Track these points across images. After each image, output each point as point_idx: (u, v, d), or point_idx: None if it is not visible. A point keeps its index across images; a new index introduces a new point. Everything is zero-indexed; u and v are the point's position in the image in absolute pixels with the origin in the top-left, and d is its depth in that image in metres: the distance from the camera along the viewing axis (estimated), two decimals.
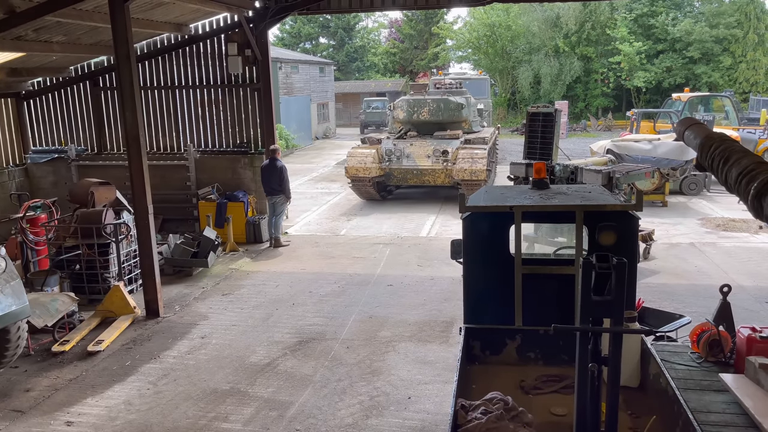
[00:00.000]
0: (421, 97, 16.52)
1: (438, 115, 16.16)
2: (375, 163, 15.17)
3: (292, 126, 31.31)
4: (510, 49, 40.49)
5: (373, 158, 15.18)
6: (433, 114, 16.18)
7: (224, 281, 10.13)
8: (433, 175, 15.12)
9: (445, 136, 15.68)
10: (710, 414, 3.58)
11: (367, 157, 15.19)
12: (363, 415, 5.90)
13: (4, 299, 6.48)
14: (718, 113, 21.86)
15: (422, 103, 16.23)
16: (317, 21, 52.23)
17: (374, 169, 15.16)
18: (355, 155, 15.38)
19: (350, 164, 15.28)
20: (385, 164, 15.32)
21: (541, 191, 4.61)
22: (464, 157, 14.62)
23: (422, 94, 17.02)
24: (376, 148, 15.46)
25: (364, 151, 15.42)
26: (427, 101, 16.25)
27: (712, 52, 36.27)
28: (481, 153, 14.71)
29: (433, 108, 16.16)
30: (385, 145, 15.48)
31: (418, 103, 16.27)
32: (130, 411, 6.12)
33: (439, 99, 16.35)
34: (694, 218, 13.70)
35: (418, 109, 16.22)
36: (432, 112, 16.17)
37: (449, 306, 8.62)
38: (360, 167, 15.17)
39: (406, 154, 15.28)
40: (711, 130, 3.61)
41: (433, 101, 16.24)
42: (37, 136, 13.81)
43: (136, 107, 8.24)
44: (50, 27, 9.80)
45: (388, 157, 15.31)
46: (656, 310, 5.91)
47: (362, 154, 15.31)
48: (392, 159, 15.30)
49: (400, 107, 16.46)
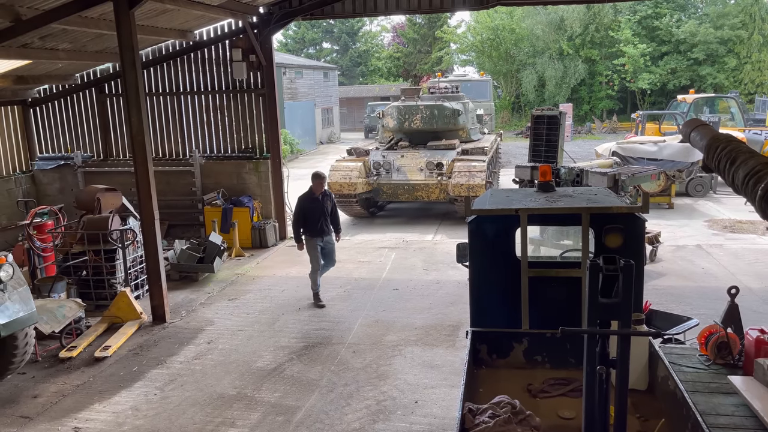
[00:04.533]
0: (413, 103, 15.01)
1: (431, 123, 14.77)
2: (361, 178, 13.68)
3: (296, 131, 31.40)
4: (514, 52, 40.47)
5: (359, 172, 13.69)
6: (426, 122, 14.76)
7: (230, 286, 10.15)
8: (426, 191, 13.58)
9: (440, 146, 14.31)
10: (719, 417, 3.56)
11: (352, 171, 13.68)
12: (370, 419, 5.88)
13: (11, 306, 6.50)
14: (723, 114, 21.79)
15: (414, 109, 14.79)
16: (321, 26, 52.39)
17: (360, 184, 13.65)
18: (339, 169, 13.86)
19: (333, 179, 13.50)
20: (372, 179, 13.78)
21: (547, 194, 4.60)
22: (461, 171, 13.21)
23: (414, 99, 15.36)
24: (363, 161, 14.02)
25: (350, 164, 13.96)
26: (419, 108, 14.78)
27: (717, 53, 36.17)
28: (479, 165, 13.30)
29: (426, 115, 14.74)
30: (373, 157, 14.04)
31: (409, 110, 14.82)
32: (137, 416, 6.13)
33: (432, 105, 14.88)
34: (700, 220, 13.64)
35: (409, 117, 14.80)
36: (425, 119, 14.75)
37: (455, 310, 8.61)
38: (344, 183, 13.60)
39: (396, 167, 13.78)
40: (717, 131, 3.61)
41: (426, 107, 14.79)
42: (43, 143, 13.89)
43: (142, 113, 8.28)
44: (56, 34, 9.85)
45: (376, 170, 13.80)
46: (664, 312, 5.89)
47: (347, 168, 13.84)
48: (381, 173, 13.77)
49: (390, 114, 15.08)
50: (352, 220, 14.88)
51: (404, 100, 15.51)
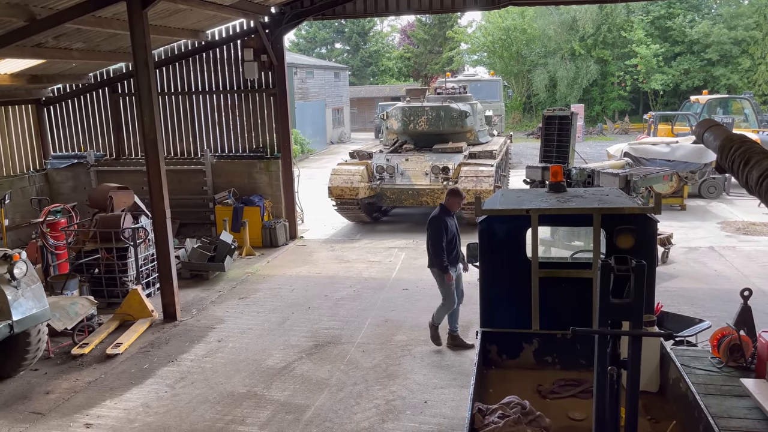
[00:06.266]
0: (418, 105, 14.38)
1: (437, 125, 14.08)
2: (363, 182, 13.05)
3: (307, 131, 31.46)
4: (525, 52, 40.32)
5: (361, 176, 13.06)
6: (431, 124, 14.08)
7: (241, 285, 10.19)
8: (431, 196, 12.85)
9: (446, 149, 13.66)
10: (731, 419, 3.53)
11: (354, 176, 13.09)
12: (379, 419, 5.89)
13: (25, 302, 6.57)
14: (737, 116, 21.59)
15: (419, 111, 14.14)
16: (332, 26, 52.46)
17: (362, 189, 13.03)
18: (341, 173, 13.25)
19: (334, 184, 13.04)
20: (375, 183, 13.15)
21: (558, 194, 4.58)
22: (467, 175, 12.56)
23: (420, 100, 14.80)
24: (366, 164, 13.36)
25: (351, 168, 13.34)
26: (425, 109, 14.15)
27: (731, 54, 35.84)
28: (487, 170, 12.62)
29: (432, 117, 14.06)
30: (377, 161, 13.41)
31: (414, 111, 14.16)
32: (148, 413, 6.17)
33: (438, 106, 14.18)
34: (713, 222, 13.52)
35: (414, 118, 14.13)
36: (431, 121, 14.07)
37: (465, 310, 8.57)
38: (346, 187, 13.01)
39: (400, 171, 13.14)
40: (731, 131, 3.58)
41: (432, 109, 14.11)
42: (56, 141, 14.02)
43: (154, 112, 8.33)
44: (70, 34, 9.94)
45: (379, 174, 13.18)
46: (675, 314, 5.86)
47: (348, 172, 13.22)
48: (384, 177, 13.15)
49: (394, 116, 14.42)
50: (354, 225, 14.47)
51: (409, 100, 15.01)
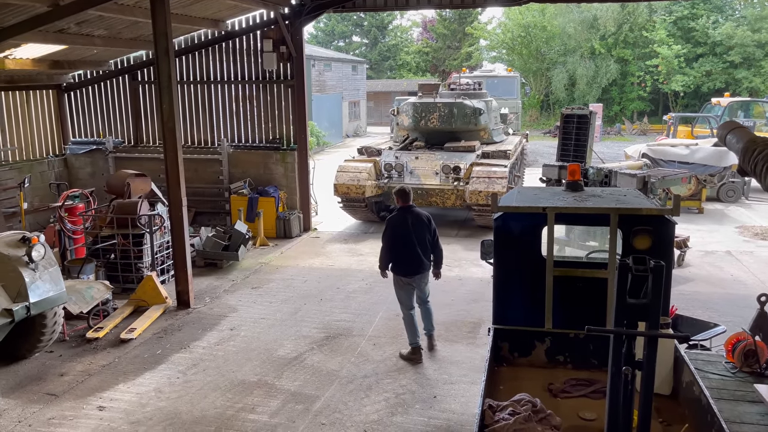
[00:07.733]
0: (430, 100, 13.81)
1: (450, 123, 13.56)
2: (371, 180, 12.62)
3: (323, 123, 31.50)
4: (545, 50, 40.02)
5: (368, 174, 12.64)
6: (444, 121, 13.54)
7: (254, 275, 10.25)
8: (441, 196, 12.45)
9: (459, 148, 13.15)
10: (743, 425, 3.51)
11: (361, 173, 12.62)
12: (388, 412, 5.91)
13: (42, 285, 6.66)
14: (758, 119, 21.31)
15: (431, 107, 13.60)
16: (351, 19, 52.38)
17: (369, 187, 12.55)
18: (347, 170, 12.79)
19: (340, 181, 12.59)
20: (383, 182, 12.67)
21: (575, 193, 4.56)
22: (479, 176, 12.02)
23: (432, 96, 14.17)
24: (374, 162, 12.94)
25: (359, 165, 12.89)
26: (437, 105, 13.59)
27: (754, 56, 35.31)
28: (500, 171, 12.06)
29: (444, 113, 13.51)
30: (385, 158, 12.96)
31: (426, 108, 13.64)
32: (160, 398, 6.24)
33: (451, 103, 13.62)
34: (731, 226, 13.37)
35: (426, 115, 13.61)
36: (443, 118, 13.52)
37: (477, 307, 8.58)
38: (352, 185, 12.52)
39: (409, 170, 12.68)
40: (754, 134, 3.54)
41: (444, 105, 13.55)
42: (76, 127, 14.15)
43: (173, 101, 8.38)
44: (92, 21, 10.02)
45: (387, 172, 12.74)
46: (690, 318, 5.81)
47: (355, 169, 12.76)
48: (392, 175, 12.68)
49: (405, 112, 13.92)
50: (361, 224, 13.93)
51: (421, 96, 14.42)
